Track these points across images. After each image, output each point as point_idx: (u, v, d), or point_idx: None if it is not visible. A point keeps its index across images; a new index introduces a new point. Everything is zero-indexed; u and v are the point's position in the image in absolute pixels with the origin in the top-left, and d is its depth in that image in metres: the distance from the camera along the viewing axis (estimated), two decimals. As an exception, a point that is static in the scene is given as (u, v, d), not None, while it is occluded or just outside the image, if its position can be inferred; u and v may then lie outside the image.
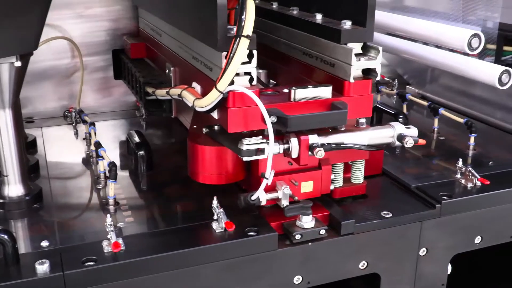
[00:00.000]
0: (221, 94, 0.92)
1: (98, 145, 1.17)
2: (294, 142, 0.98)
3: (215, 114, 0.99)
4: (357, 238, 1.03)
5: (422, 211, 1.08)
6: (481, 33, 1.20)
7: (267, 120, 0.91)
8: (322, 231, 1.00)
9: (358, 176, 1.11)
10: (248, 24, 0.89)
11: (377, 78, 1.01)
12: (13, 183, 1.08)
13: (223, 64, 0.91)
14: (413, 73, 1.83)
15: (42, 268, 0.87)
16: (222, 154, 1.04)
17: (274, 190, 1.01)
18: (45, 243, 0.95)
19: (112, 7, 1.58)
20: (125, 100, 1.67)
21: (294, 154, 0.98)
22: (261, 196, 0.98)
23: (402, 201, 1.12)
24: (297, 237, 0.99)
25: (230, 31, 0.92)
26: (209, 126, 1.07)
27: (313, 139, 0.98)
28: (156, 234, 0.99)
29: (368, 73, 1.02)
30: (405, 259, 1.10)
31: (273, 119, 0.94)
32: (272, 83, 1.26)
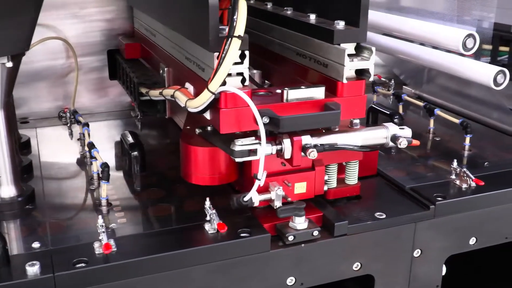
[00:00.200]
0: (213, 95, 0.91)
1: (91, 145, 1.17)
2: (287, 143, 0.97)
3: (207, 115, 0.99)
4: (350, 240, 1.03)
5: (416, 212, 1.08)
6: (476, 33, 1.20)
7: (259, 121, 0.90)
8: (315, 232, 1.00)
9: (352, 177, 1.11)
10: (240, 25, 0.89)
11: (371, 78, 1.01)
12: (5, 184, 1.07)
13: (215, 64, 0.91)
14: (410, 73, 1.83)
15: (33, 269, 0.86)
16: (215, 155, 1.04)
17: (267, 191, 1.00)
18: (36, 244, 0.95)
19: (107, 8, 1.58)
20: (121, 101, 1.66)
21: (287, 155, 0.98)
22: (254, 197, 0.98)
23: (396, 202, 1.12)
24: (290, 238, 0.98)
25: (222, 31, 0.92)
26: (202, 127, 1.06)
27: (306, 140, 0.98)
28: (148, 235, 0.99)
29: (361, 73, 1.01)
30: (399, 261, 1.09)
31: (265, 119, 0.93)
32: (267, 83, 1.26)
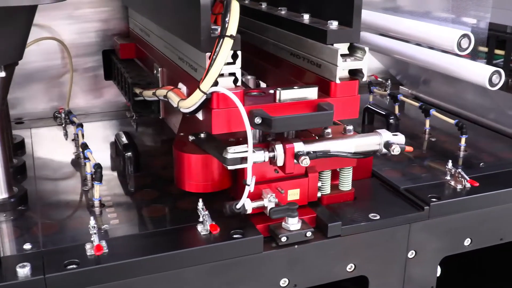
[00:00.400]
0: (204, 95, 0.91)
1: (84, 146, 1.16)
2: (279, 150, 0.97)
3: (199, 116, 0.98)
4: (344, 241, 1.02)
5: (410, 213, 1.07)
6: (471, 33, 1.19)
7: (246, 123, 0.89)
8: (309, 233, 0.99)
9: (346, 184, 1.10)
10: (232, 25, 0.89)
11: (364, 78, 1.00)
12: (-3, 185, 1.07)
13: (206, 64, 0.90)
14: (406, 73, 1.82)
15: (23, 271, 0.86)
16: (208, 162, 1.04)
17: (260, 198, 1.00)
18: (28, 245, 0.94)
19: (102, 8, 1.57)
20: (116, 101, 1.66)
21: (280, 163, 0.98)
22: (247, 205, 0.97)
23: (391, 203, 1.11)
24: (283, 239, 0.98)
25: (214, 31, 0.91)
26: (195, 134, 1.06)
27: (298, 147, 0.97)
28: (141, 237, 0.98)
29: (354, 73, 1.01)
30: (394, 262, 1.09)
31: (257, 120, 0.93)
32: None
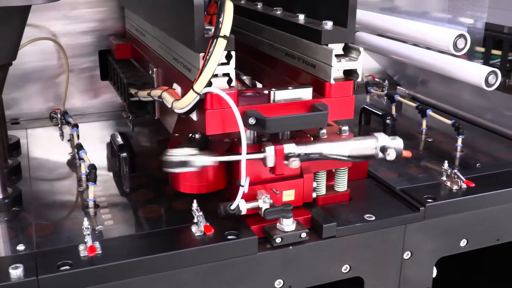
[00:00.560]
0: (198, 95, 0.91)
1: (79, 147, 1.16)
2: (270, 151, 0.97)
3: (194, 116, 0.98)
4: (339, 242, 1.02)
5: (405, 214, 1.07)
6: (467, 33, 1.19)
7: (240, 123, 0.89)
8: (303, 234, 0.99)
9: (342, 184, 1.10)
10: (226, 25, 0.88)
11: (359, 79, 1.00)
12: (-9, 186, 1.06)
13: (200, 65, 0.90)
14: (404, 74, 1.82)
15: (16, 272, 0.85)
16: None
17: (254, 199, 0.99)
18: (21, 246, 0.94)
19: (99, 8, 1.57)
20: (113, 101, 1.65)
21: (270, 163, 0.97)
22: (241, 205, 0.97)
23: (386, 204, 1.11)
24: (277, 240, 0.97)
25: (208, 31, 0.91)
26: (190, 135, 1.06)
27: (288, 148, 0.97)
28: (135, 238, 0.98)
29: (349, 74, 1.00)
30: (389, 263, 1.08)
31: (251, 121, 0.92)
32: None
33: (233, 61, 0.93)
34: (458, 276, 1.43)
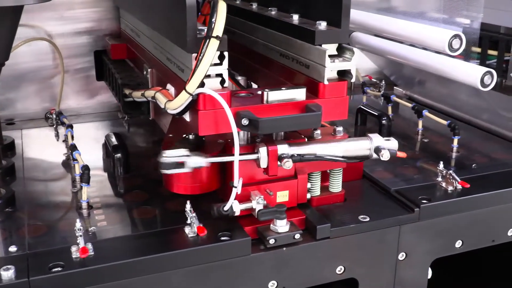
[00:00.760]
0: (190, 96, 0.90)
1: (73, 147, 1.15)
2: (263, 152, 0.96)
3: (187, 117, 0.97)
4: (333, 243, 1.02)
5: (400, 215, 1.06)
6: (462, 34, 1.18)
7: (232, 124, 0.89)
8: (297, 236, 0.98)
9: (336, 185, 1.09)
10: (218, 25, 0.88)
11: (353, 79, 0.99)
12: (-16, 187, 1.06)
13: (193, 65, 0.90)
14: (401, 74, 1.81)
15: (7, 274, 0.85)
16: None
17: (248, 200, 0.99)
18: (13, 248, 0.93)
19: (94, 8, 1.57)
20: (109, 102, 1.65)
21: (263, 164, 0.97)
22: (234, 206, 0.96)
23: (381, 205, 1.10)
24: (271, 241, 0.97)
25: (201, 32, 0.91)
26: (184, 135, 1.05)
27: (282, 149, 0.96)
28: (128, 239, 0.98)
29: (343, 74, 1.00)
30: (384, 264, 1.08)
31: (244, 121, 0.92)
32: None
33: (226, 62, 0.93)
34: (453, 278, 1.43)
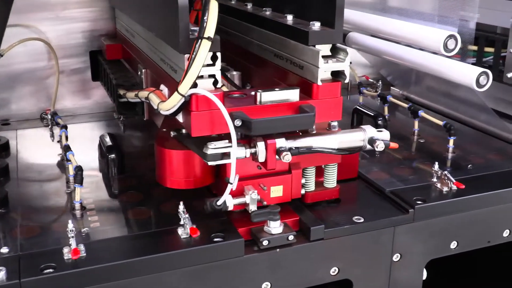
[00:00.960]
0: (183, 97, 0.90)
1: (67, 148, 1.15)
2: (261, 146, 0.96)
3: (180, 118, 0.97)
4: (327, 244, 1.01)
5: (395, 216, 1.06)
6: (457, 34, 1.18)
7: (229, 124, 0.88)
8: (291, 237, 0.98)
9: (331, 180, 1.09)
10: (210, 26, 0.87)
11: (346, 80, 0.99)
12: (-24, 188, 1.06)
13: (185, 66, 0.89)
14: (398, 74, 1.81)
15: (-1, 275, 0.85)
16: (190, 158, 1.02)
17: (242, 195, 0.99)
18: (5, 249, 0.93)
19: (89, 8, 1.56)
20: (104, 102, 1.64)
21: (261, 158, 0.96)
22: (228, 201, 0.96)
23: (376, 206, 1.10)
24: (264, 243, 0.96)
25: (194, 32, 0.90)
26: (177, 129, 1.04)
27: (280, 143, 0.96)
28: (120, 240, 0.97)
29: (337, 75, 1.00)
30: (378, 265, 1.08)
31: (237, 122, 0.92)
32: (249, 86, 1.24)
33: (218, 62, 0.92)
34: (448, 279, 1.42)
